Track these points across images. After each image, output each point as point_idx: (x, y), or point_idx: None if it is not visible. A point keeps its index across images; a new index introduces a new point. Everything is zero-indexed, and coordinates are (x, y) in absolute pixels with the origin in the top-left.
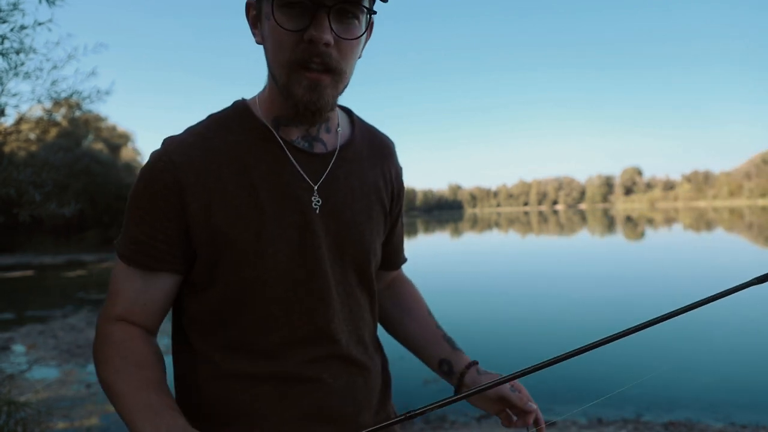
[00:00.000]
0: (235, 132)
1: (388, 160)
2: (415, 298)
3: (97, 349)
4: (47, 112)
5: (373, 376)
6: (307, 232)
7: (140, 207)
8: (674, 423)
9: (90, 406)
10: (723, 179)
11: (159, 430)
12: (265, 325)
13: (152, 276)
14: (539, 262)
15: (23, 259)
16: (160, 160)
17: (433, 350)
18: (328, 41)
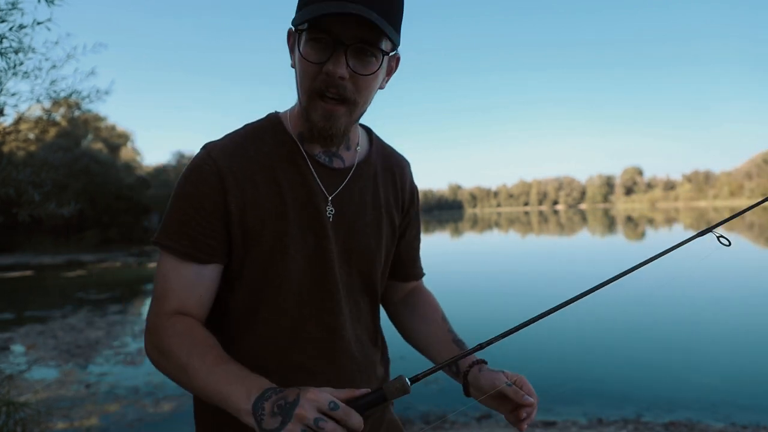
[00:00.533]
0: (267, 144)
1: (401, 179)
2: (431, 307)
3: (157, 343)
4: (46, 112)
5: (371, 374)
6: (324, 239)
7: (191, 206)
8: (675, 423)
9: (89, 406)
10: (724, 179)
11: (251, 388)
12: (280, 319)
13: (204, 268)
14: (539, 262)
15: (22, 259)
16: (207, 164)
17: (443, 352)
18: (342, 75)
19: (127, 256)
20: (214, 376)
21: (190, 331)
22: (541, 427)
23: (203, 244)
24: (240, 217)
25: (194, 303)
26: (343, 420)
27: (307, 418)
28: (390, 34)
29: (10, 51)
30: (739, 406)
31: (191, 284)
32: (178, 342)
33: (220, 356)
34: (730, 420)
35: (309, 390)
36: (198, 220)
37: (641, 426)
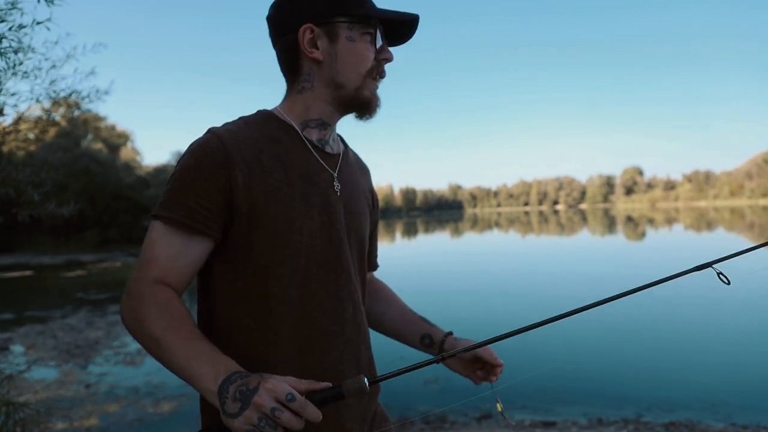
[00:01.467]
0: (267, 129)
1: (368, 177)
2: (392, 293)
3: (133, 310)
4: (46, 112)
5: (368, 345)
6: (325, 214)
7: (192, 179)
8: (675, 423)
9: (89, 407)
10: (724, 179)
11: (218, 369)
12: (288, 290)
13: (193, 240)
14: (539, 262)
15: (22, 259)
16: (212, 141)
17: (414, 330)
18: (392, 59)
19: (127, 256)
20: (185, 354)
21: (168, 304)
22: (541, 428)
23: (200, 215)
24: (246, 192)
25: (176, 274)
26: (298, 411)
27: (264, 406)
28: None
29: (10, 51)
30: (740, 406)
31: (176, 255)
32: (155, 312)
33: (193, 333)
34: (730, 420)
35: (269, 379)
36: (199, 192)
37: (641, 426)
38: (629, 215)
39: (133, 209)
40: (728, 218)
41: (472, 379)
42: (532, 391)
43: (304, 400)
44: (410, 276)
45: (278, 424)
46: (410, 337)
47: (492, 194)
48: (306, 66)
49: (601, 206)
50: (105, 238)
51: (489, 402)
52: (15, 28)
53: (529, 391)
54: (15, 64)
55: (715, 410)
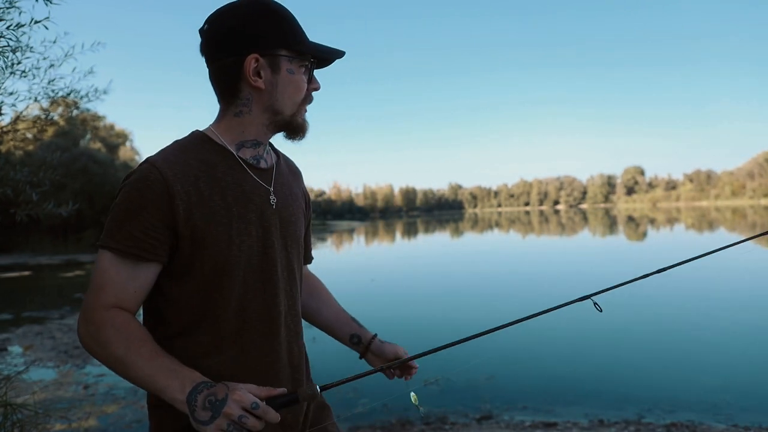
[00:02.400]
0: (202, 153)
1: (299, 178)
2: (326, 291)
3: (94, 334)
4: (44, 111)
5: (302, 344)
6: (262, 228)
7: (134, 210)
8: (676, 424)
9: (88, 407)
10: (726, 179)
11: (184, 382)
12: (229, 301)
13: (141, 266)
14: (539, 261)
15: (20, 260)
16: (152, 173)
17: (345, 329)
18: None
19: None
20: (150, 370)
21: (127, 326)
22: (542, 428)
23: (146, 244)
24: (186, 218)
25: (129, 298)
26: (261, 417)
27: (233, 415)
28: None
29: (8, 50)
30: (741, 407)
31: (127, 281)
32: (115, 335)
33: (155, 350)
34: (732, 421)
35: (236, 391)
36: (143, 222)
37: (642, 427)
38: (630, 215)
39: None
40: (730, 218)
41: (387, 376)
42: (533, 392)
43: (266, 406)
44: (409, 274)
45: (244, 428)
46: (341, 335)
47: (492, 194)
48: (245, 91)
49: (602, 206)
50: None
51: (489, 402)
52: (13, 27)
53: (530, 391)
54: (13, 63)
55: (716, 411)
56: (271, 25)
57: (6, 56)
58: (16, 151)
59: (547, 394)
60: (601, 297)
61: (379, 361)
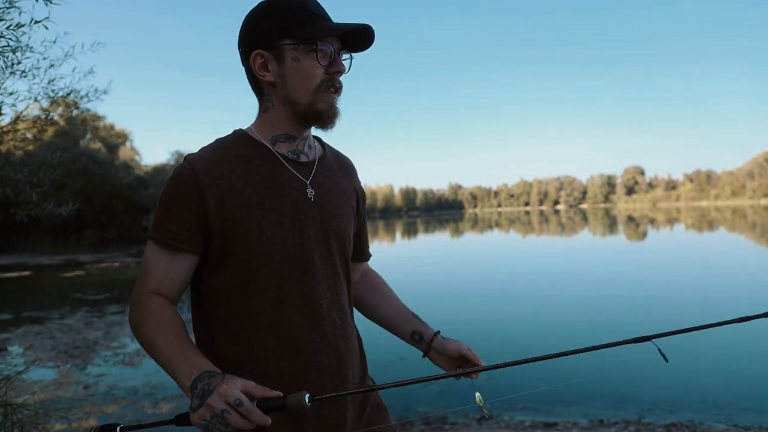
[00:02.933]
0: (239, 149)
1: (351, 174)
2: (386, 286)
3: (134, 316)
4: (44, 111)
5: (351, 339)
6: (297, 220)
7: (171, 204)
8: (676, 424)
9: (88, 407)
10: (726, 178)
11: (193, 369)
12: (265, 293)
13: (178, 256)
14: (539, 261)
15: (20, 260)
16: (185, 169)
17: (406, 325)
18: (344, 71)
19: (126, 256)
20: (169, 354)
21: (159, 310)
22: (542, 428)
23: (179, 236)
24: (218, 210)
25: (168, 285)
26: (245, 415)
27: (215, 407)
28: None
29: (8, 50)
30: (741, 407)
31: (166, 269)
32: (148, 318)
33: (178, 336)
34: (732, 421)
35: (223, 384)
36: (178, 215)
37: (642, 427)
38: (630, 215)
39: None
40: (730, 218)
41: (454, 377)
42: (533, 392)
43: (251, 406)
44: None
45: (227, 424)
46: (402, 332)
47: (492, 194)
48: (265, 88)
49: (602, 206)
50: (103, 238)
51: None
52: (13, 27)
53: (530, 391)
54: (13, 63)
55: (716, 411)
56: (272, 19)
57: (6, 56)
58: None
59: (547, 394)
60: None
61: (442, 359)
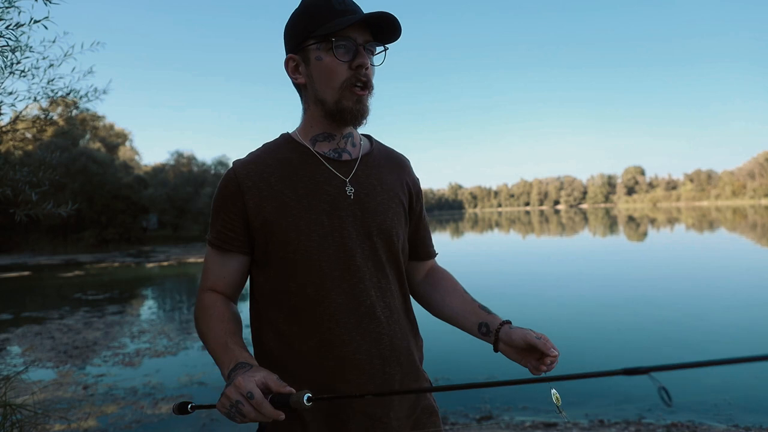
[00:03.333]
0: (281, 152)
1: (403, 171)
2: (451, 281)
3: (195, 312)
4: (44, 111)
5: (399, 339)
6: (335, 218)
7: (217, 207)
8: (676, 425)
9: (87, 408)
10: (726, 178)
11: (231, 360)
12: (305, 290)
13: (227, 256)
14: (539, 261)
15: (20, 260)
16: (229, 174)
17: (472, 318)
18: (368, 66)
19: (125, 256)
20: (215, 345)
21: (213, 305)
22: (542, 429)
23: (226, 236)
24: (257, 211)
25: (221, 283)
26: (256, 408)
27: (230, 398)
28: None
29: (7, 49)
30: (742, 407)
31: (219, 268)
32: (203, 313)
33: (226, 330)
34: (732, 421)
35: (242, 376)
36: (223, 218)
37: (643, 427)
38: (630, 215)
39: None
40: (730, 218)
41: (529, 369)
42: (533, 392)
43: (262, 399)
44: None
45: (243, 414)
46: (469, 326)
47: (492, 194)
48: (301, 90)
49: (603, 206)
50: (103, 238)
51: (489, 402)
52: (12, 27)
53: (530, 391)
54: (12, 62)
55: (717, 411)
56: (299, 22)
57: (5, 56)
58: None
59: (547, 395)
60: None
61: (511, 352)
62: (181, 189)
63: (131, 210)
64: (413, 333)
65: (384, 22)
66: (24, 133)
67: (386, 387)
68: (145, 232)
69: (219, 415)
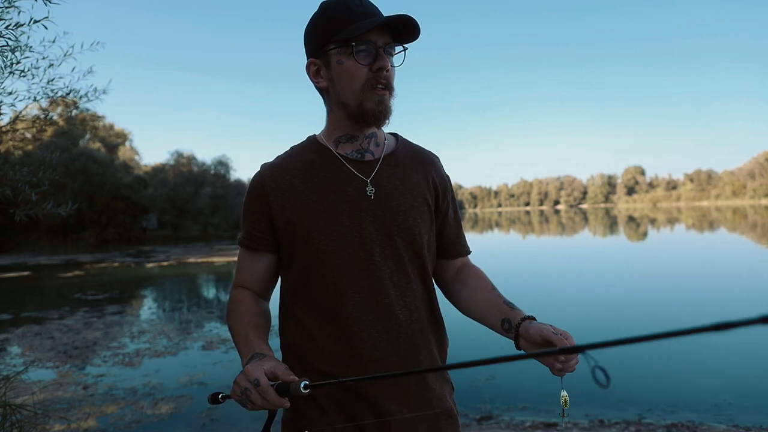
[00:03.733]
0: (306, 154)
1: (430, 168)
2: (480, 278)
3: (227, 307)
4: (44, 111)
5: (419, 338)
6: (355, 217)
7: (246, 209)
8: (677, 425)
9: (87, 408)
10: (726, 178)
11: (249, 350)
12: (325, 288)
13: (255, 254)
14: (539, 261)
15: (20, 260)
16: (256, 177)
17: (497, 314)
18: (388, 68)
19: (125, 257)
20: (239, 338)
21: (240, 301)
22: (542, 428)
23: (254, 236)
24: (281, 211)
25: (252, 280)
26: (261, 394)
27: (240, 385)
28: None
29: (7, 49)
30: (742, 407)
31: (249, 266)
32: (232, 308)
33: (249, 323)
34: (732, 422)
35: (250, 365)
36: (251, 219)
37: (643, 428)
38: (630, 215)
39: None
40: (730, 218)
41: (550, 369)
42: (533, 392)
43: (267, 386)
44: None
45: (252, 401)
46: (493, 322)
47: (492, 194)
48: (323, 94)
49: (603, 206)
50: (103, 239)
51: (489, 402)
52: (12, 27)
53: (530, 391)
54: (12, 62)
55: (717, 411)
56: (319, 27)
57: (5, 56)
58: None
59: (547, 394)
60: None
61: (530, 347)
62: (181, 189)
63: (131, 210)
64: (437, 333)
65: (402, 24)
66: (24, 133)
67: (403, 383)
68: (145, 232)
69: (219, 414)
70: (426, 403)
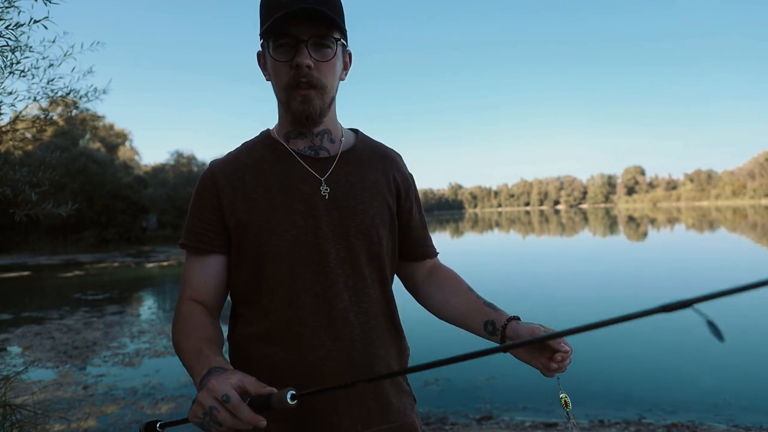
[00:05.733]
0: (257, 150)
1: (390, 166)
2: (455, 279)
3: (173, 322)
4: (44, 111)
5: (375, 345)
6: (309, 217)
7: (193, 207)
8: (677, 425)
9: (87, 408)
10: (726, 178)
11: (204, 364)
12: (277, 292)
13: (205, 258)
14: (539, 261)
15: (19, 260)
16: (205, 173)
17: (478, 317)
18: (309, 64)
19: (125, 257)
20: (189, 354)
21: (188, 316)
22: (542, 429)
23: (204, 237)
24: (231, 210)
25: (202, 289)
26: (233, 412)
27: (203, 404)
28: (339, 24)
29: (7, 49)
30: (742, 407)
31: (197, 273)
32: (177, 323)
33: (200, 339)
34: (732, 421)
35: (214, 379)
36: (199, 218)
37: (643, 428)
38: (630, 215)
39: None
40: (730, 218)
41: (540, 369)
42: (533, 392)
43: (239, 402)
44: None
45: (219, 422)
46: (474, 326)
47: (492, 194)
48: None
49: (603, 206)
50: (103, 239)
51: (489, 402)
52: (12, 27)
53: (530, 391)
54: (12, 62)
55: (717, 411)
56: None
57: (5, 56)
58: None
59: (547, 394)
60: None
61: (520, 349)
62: (181, 189)
63: (131, 210)
64: (396, 340)
65: (308, 14)
66: (24, 133)
67: (357, 398)
68: (145, 232)
69: None
70: (384, 419)
